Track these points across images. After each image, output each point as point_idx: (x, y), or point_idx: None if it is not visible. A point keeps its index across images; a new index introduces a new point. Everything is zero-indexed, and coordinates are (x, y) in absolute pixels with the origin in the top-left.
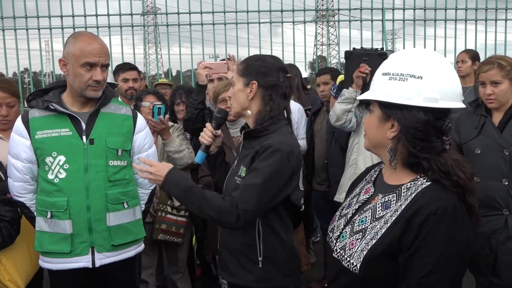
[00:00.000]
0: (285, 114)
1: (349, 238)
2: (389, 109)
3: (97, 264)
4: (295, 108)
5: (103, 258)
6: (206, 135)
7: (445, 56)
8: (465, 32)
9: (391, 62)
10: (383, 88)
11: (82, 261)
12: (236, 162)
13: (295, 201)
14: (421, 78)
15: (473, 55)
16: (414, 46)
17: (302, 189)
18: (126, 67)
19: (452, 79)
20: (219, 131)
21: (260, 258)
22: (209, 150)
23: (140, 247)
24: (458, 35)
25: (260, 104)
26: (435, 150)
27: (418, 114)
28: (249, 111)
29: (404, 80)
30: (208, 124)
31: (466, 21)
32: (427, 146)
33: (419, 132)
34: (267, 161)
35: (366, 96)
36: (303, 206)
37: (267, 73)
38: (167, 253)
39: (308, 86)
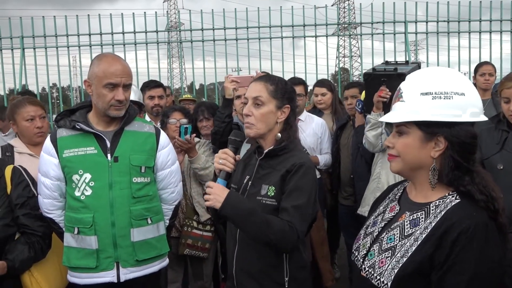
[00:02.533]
0: None
1: (378, 256)
2: (435, 128)
3: (122, 279)
4: (319, 122)
5: (128, 273)
6: (228, 162)
7: (469, 67)
8: (490, 43)
9: (427, 82)
10: (427, 108)
11: (108, 276)
12: (250, 182)
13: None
14: (464, 95)
15: (495, 68)
16: (437, 58)
17: None
18: (151, 84)
19: (478, 94)
20: (238, 156)
21: (286, 279)
22: (230, 177)
23: (164, 262)
24: (482, 45)
25: (283, 126)
26: (476, 161)
27: (470, 129)
28: (279, 134)
29: (449, 98)
30: (227, 150)
31: (490, 32)
32: (474, 159)
33: (471, 146)
34: (305, 179)
35: (408, 117)
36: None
37: (295, 98)
38: (192, 267)
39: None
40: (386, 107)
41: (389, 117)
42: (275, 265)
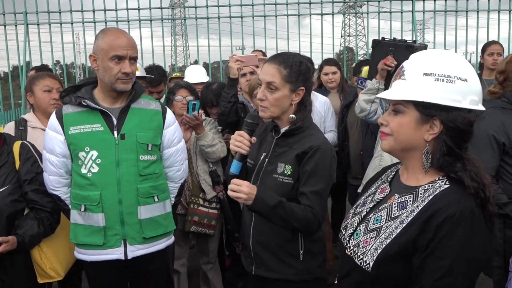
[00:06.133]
0: None
1: (363, 236)
2: (433, 110)
3: (129, 256)
4: (322, 100)
5: (135, 251)
6: (243, 144)
7: (477, 46)
8: (498, 22)
9: (432, 63)
10: (428, 89)
11: (115, 253)
12: (266, 159)
13: None
14: (466, 81)
15: (503, 48)
16: (445, 38)
17: None
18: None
19: (479, 82)
20: (254, 138)
21: (301, 252)
22: (245, 159)
23: (171, 239)
24: (490, 25)
25: (298, 107)
26: (467, 150)
27: (468, 115)
28: (293, 115)
29: (452, 82)
30: (243, 133)
31: (499, 11)
32: (467, 146)
33: (467, 133)
34: (322, 162)
35: (408, 96)
36: None
37: (309, 77)
38: (198, 244)
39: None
40: (389, 77)
41: (388, 94)
42: (290, 239)
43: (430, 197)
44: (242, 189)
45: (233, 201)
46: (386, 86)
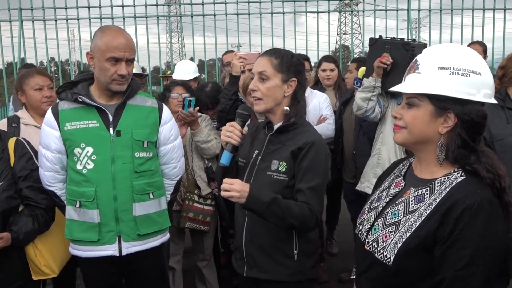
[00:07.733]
0: None
1: (381, 230)
2: (447, 103)
3: (124, 252)
4: (320, 94)
5: (129, 247)
6: (235, 135)
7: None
8: (493, 21)
9: (446, 57)
10: (443, 82)
11: (110, 250)
12: (259, 157)
13: None
14: (480, 75)
15: (485, 47)
16: (440, 36)
17: None
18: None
19: (492, 76)
20: (245, 129)
21: (295, 252)
22: (237, 150)
23: (165, 236)
24: (485, 24)
25: (291, 100)
26: (481, 142)
27: (481, 108)
28: (287, 108)
29: (466, 76)
30: (234, 123)
31: (494, 10)
32: (480, 139)
33: (480, 126)
34: (318, 157)
35: (423, 89)
36: None
37: (302, 71)
38: (193, 241)
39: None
40: (385, 75)
41: (403, 87)
42: (284, 238)
43: (447, 189)
44: (234, 187)
45: None
46: (383, 84)
